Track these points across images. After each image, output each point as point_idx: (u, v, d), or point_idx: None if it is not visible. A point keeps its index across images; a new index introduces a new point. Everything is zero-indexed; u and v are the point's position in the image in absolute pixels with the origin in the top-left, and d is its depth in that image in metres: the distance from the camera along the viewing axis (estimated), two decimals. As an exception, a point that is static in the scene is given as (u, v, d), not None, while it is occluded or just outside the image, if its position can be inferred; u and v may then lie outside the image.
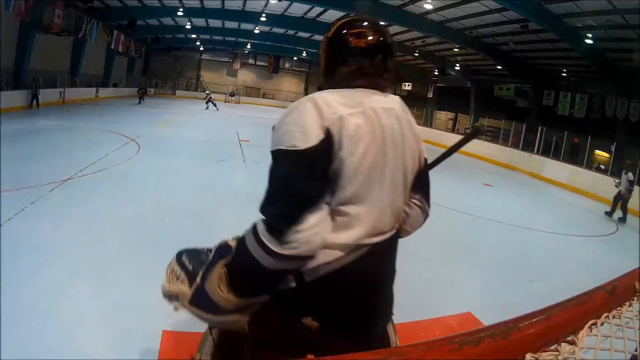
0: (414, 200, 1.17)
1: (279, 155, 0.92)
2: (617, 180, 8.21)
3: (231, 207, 4.92)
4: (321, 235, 0.89)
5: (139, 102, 20.29)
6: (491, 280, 3.66)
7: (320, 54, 1.22)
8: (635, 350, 0.68)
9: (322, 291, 0.98)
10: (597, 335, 0.65)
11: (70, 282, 2.70)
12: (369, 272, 1.03)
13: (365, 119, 0.97)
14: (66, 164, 5.89)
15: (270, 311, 1.03)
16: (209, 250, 1.13)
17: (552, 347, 0.61)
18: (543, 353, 0.59)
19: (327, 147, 0.91)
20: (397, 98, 1.11)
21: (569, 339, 0.62)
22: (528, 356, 0.57)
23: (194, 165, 7.17)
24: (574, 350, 0.60)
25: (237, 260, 0.97)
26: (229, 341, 1.20)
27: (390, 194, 1.03)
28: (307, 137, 0.90)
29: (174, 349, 2.17)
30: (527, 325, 0.60)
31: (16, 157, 5.96)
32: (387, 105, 1.04)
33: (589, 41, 12.16)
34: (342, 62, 1.11)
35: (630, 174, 8.09)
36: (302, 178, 0.89)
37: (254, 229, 0.90)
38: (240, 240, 0.96)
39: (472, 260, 4.13)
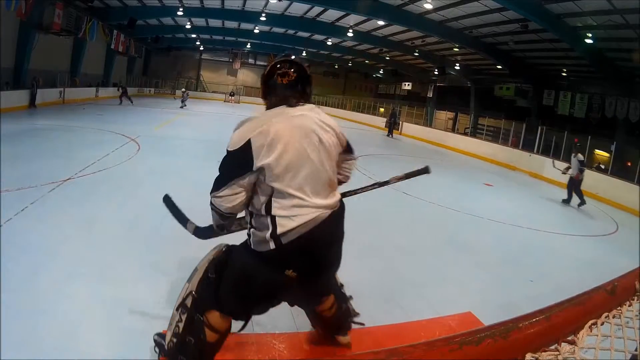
0: (346, 159, 1.81)
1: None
2: (565, 166, 8.12)
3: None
4: (226, 203, 1.58)
5: (120, 103, 18.09)
6: (491, 280, 3.66)
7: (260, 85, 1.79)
8: (636, 350, 0.68)
9: (295, 250, 1.53)
10: (597, 335, 0.65)
11: (70, 282, 2.70)
12: (325, 234, 1.59)
13: (284, 125, 1.54)
14: (66, 164, 5.89)
15: (256, 267, 1.60)
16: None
17: (552, 347, 0.61)
18: (543, 353, 0.59)
19: (246, 149, 1.51)
20: (309, 105, 1.67)
21: (569, 339, 0.62)
22: (528, 356, 0.58)
23: (194, 165, 7.17)
24: (574, 350, 0.60)
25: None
26: (212, 280, 1.76)
27: (317, 170, 1.57)
28: (234, 144, 1.55)
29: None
30: (527, 325, 0.60)
31: (16, 157, 5.96)
32: (300, 112, 1.61)
33: (589, 41, 12.16)
34: (272, 91, 1.69)
35: (579, 155, 8.05)
36: (226, 167, 1.58)
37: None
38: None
39: (471, 260, 4.13)
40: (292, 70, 1.65)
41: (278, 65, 1.67)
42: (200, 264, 1.85)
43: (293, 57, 1.72)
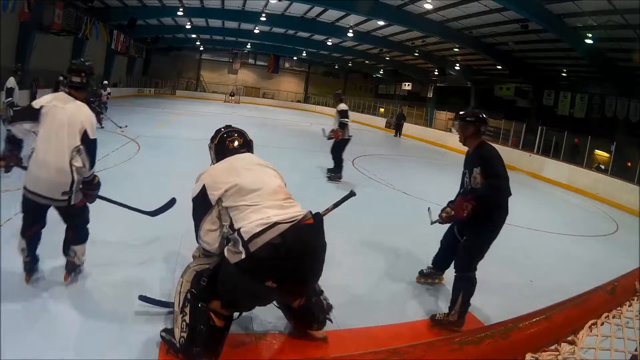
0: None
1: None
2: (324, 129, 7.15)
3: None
4: (207, 239, 2.01)
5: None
6: (491, 280, 3.65)
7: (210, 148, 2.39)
8: (635, 350, 0.68)
9: (268, 258, 1.73)
10: (597, 335, 0.65)
11: (70, 281, 2.70)
12: (298, 244, 1.78)
13: (226, 165, 2.10)
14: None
15: (236, 277, 1.81)
16: None
17: (552, 347, 0.61)
18: (543, 353, 0.59)
19: (203, 193, 1.98)
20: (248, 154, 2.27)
21: (569, 339, 0.62)
22: (528, 356, 0.58)
23: (193, 165, 7.15)
24: (574, 350, 0.60)
25: None
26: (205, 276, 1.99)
27: (262, 183, 1.98)
28: (194, 192, 2.05)
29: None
30: (527, 325, 0.60)
31: (16, 157, 5.96)
32: (244, 156, 2.21)
33: (589, 41, 12.16)
34: (222, 152, 2.25)
35: (342, 104, 7.05)
36: (194, 212, 2.06)
37: None
38: None
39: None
40: (238, 136, 2.33)
41: (229, 133, 2.32)
42: (194, 264, 2.12)
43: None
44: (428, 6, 13.56)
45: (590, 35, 11.97)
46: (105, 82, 11.65)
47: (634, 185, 8.96)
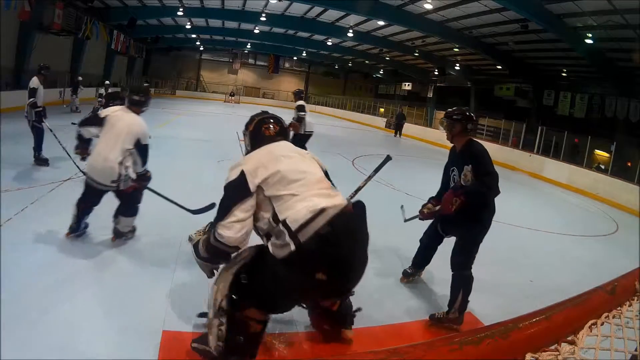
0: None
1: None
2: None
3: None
4: (233, 233, 1.73)
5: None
6: (491, 280, 3.65)
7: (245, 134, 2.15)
8: (635, 350, 0.68)
9: (317, 250, 1.57)
10: (597, 335, 0.65)
11: (70, 282, 2.70)
12: (344, 232, 1.63)
13: (267, 152, 1.91)
14: (66, 164, 5.89)
15: (284, 273, 1.62)
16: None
17: (552, 347, 0.61)
18: (543, 353, 0.59)
19: (241, 178, 1.78)
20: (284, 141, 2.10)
21: (569, 339, 0.62)
22: (528, 356, 0.58)
23: (193, 165, 7.17)
24: (574, 350, 0.60)
25: (197, 247, 1.98)
26: (245, 284, 1.81)
27: (306, 173, 1.82)
28: (229, 177, 1.83)
29: (174, 349, 2.17)
30: (527, 325, 0.60)
31: (16, 157, 5.96)
32: (282, 144, 2.03)
33: (589, 41, 12.16)
34: (259, 139, 2.05)
35: (300, 101, 7.12)
36: (226, 197, 1.82)
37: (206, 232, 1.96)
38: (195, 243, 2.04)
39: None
40: (274, 123, 2.11)
41: (264, 119, 2.11)
42: (228, 267, 1.88)
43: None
44: (428, 6, 13.56)
45: (590, 35, 11.96)
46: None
47: (634, 185, 8.95)
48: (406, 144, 17.00)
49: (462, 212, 2.65)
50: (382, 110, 27.16)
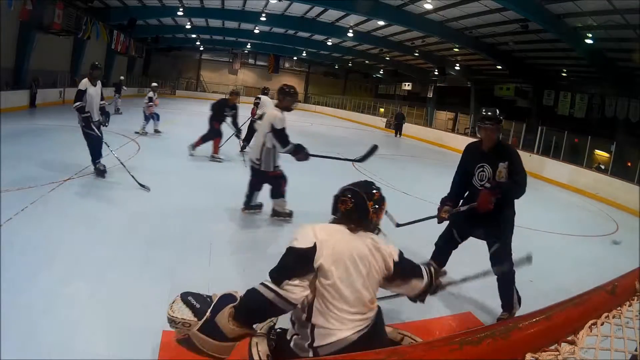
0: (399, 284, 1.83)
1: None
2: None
3: (230, 207, 4.92)
4: (293, 295, 1.54)
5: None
6: (491, 279, 3.65)
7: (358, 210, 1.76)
8: (636, 350, 0.68)
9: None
10: (597, 335, 0.65)
11: (70, 281, 2.70)
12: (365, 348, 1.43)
13: (343, 245, 1.62)
14: (66, 164, 5.89)
15: None
16: (209, 296, 1.68)
17: (552, 347, 0.61)
18: (543, 353, 0.59)
19: (311, 251, 1.58)
20: (366, 233, 1.73)
21: (569, 339, 0.62)
22: (528, 356, 0.58)
23: (193, 165, 7.17)
24: (574, 350, 0.60)
25: (246, 300, 1.59)
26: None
27: (358, 290, 1.61)
28: (301, 241, 1.61)
29: (174, 349, 2.17)
30: (527, 325, 0.60)
31: (16, 157, 5.96)
32: (357, 238, 1.68)
33: (589, 41, 12.15)
34: (335, 211, 1.79)
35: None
36: (289, 261, 1.60)
37: (263, 282, 1.57)
38: (250, 289, 1.59)
39: (471, 260, 4.12)
40: (350, 199, 1.73)
41: (342, 192, 1.77)
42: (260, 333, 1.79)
43: (355, 187, 1.76)
44: (428, 6, 13.55)
45: (590, 35, 11.96)
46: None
47: (634, 185, 8.95)
48: (406, 144, 16.99)
49: (491, 214, 2.73)
50: (382, 110, 27.15)
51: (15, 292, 2.45)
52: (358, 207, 1.71)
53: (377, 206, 1.75)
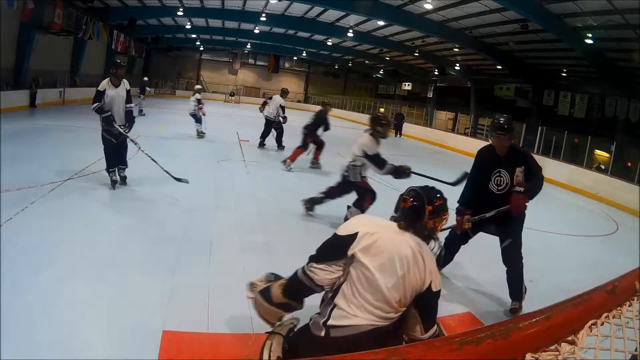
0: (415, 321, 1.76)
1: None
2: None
3: (230, 207, 4.92)
4: (320, 276, 1.73)
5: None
6: (492, 280, 3.66)
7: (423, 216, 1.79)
8: (635, 350, 0.68)
9: (341, 348, 1.58)
10: (597, 335, 0.65)
11: (70, 282, 2.70)
12: (370, 345, 1.50)
13: (387, 241, 1.68)
14: (66, 164, 5.89)
15: (308, 346, 1.70)
16: (275, 274, 2.07)
17: (552, 347, 0.61)
18: (543, 353, 0.59)
19: (349, 239, 1.69)
20: (415, 238, 1.72)
21: (569, 339, 0.62)
22: (528, 356, 0.58)
23: (194, 165, 7.16)
24: (574, 350, 0.60)
25: (291, 275, 1.87)
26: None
27: (385, 294, 1.62)
28: (343, 230, 1.75)
29: (174, 349, 2.17)
30: (527, 325, 0.60)
31: (16, 157, 5.96)
32: (405, 238, 1.70)
33: (589, 41, 12.15)
34: (398, 207, 1.85)
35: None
36: (327, 246, 1.78)
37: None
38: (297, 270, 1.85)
39: (471, 260, 4.13)
40: (410, 199, 1.77)
41: (407, 191, 1.83)
42: (279, 328, 1.91)
43: (419, 190, 1.79)
44: (428, 6, 13.55)
45: (590, 35, 11.96)
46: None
47: (634, 185, 8.95)
48: (406, 144, 16.98)
49: (507, 212, 2.86)
50: (382, 110, 27.16)
51: (15, 292, 2.45)
52: (415, 208, 1.74)
53: (435, 213, 1.74)
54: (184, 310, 2.53)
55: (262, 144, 9.84)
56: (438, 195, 1.77)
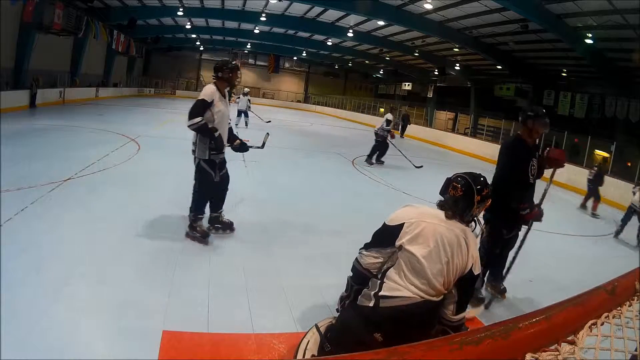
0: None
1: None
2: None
3: (230, 207, 4.92)
4: (367, 260, 1.92)
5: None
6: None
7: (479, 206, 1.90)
8: (636, 350, 0.68)
9: (389, 318, 1.68)
10: (597, 335, 0.65)
11: (70, 282, 2.70)
12: (417, 318, 1.70)
13: (433, 228, 1.78)
14: (66, 164, 5.89)
15: (351, 321, 1.78)
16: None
17: (552, 347, 0.61)
18: (543, 353, 0.59)
19: (397, 229, 1.82)
20: (461, 225, 1.82)
21: (569, 339, 0.62)
22: (528, 356, 0.57)
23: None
24: (574, 350, 0.60)
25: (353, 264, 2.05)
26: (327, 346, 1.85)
27: (431, 277, 1.72)
28: (391, 220, 1.89)
29: (174, 349, 2.17)
30: (527, 325, 0.60)
31: (16, 157, 5.96)
32: (451, 226, 1.79)
33: (589, 41, 12.15)
34: (443, 193, 1.97)
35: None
36: (377, 234, 1.96)
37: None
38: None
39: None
40: (461, 187, 1.84)
41: (456, 178, 1.89)
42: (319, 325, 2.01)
43: (468, 178, 1.86)
44: (428, 6, 13.55)
45: (590, 35, 11.96)
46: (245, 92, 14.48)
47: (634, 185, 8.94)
48: (406, 144, 16.98)
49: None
50: (382, 110, 27.16)
51: (15, 292, 2.45)
52: (465, 197, 1.82)
53: (482, 201, 1.85)
54: (184, 310, 2.53)
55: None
56: (486, 185, 1.86)
